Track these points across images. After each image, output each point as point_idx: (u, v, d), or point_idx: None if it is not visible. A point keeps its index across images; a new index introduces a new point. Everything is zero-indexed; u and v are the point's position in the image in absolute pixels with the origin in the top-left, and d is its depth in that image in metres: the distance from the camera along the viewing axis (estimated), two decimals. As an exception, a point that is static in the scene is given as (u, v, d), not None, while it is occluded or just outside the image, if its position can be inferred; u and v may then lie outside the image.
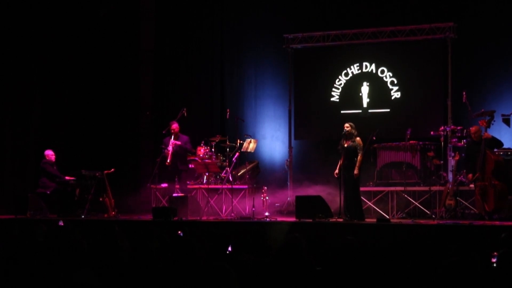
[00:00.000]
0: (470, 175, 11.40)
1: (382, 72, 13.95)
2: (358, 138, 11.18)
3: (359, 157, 11.08)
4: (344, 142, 11.22)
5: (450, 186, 11.65)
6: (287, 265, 4.99)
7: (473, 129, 11.55)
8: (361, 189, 11.58)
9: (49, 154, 13.36)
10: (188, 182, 13.02)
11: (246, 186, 12.94)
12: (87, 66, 15.38)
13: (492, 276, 4.64)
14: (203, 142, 13.41)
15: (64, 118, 15.33)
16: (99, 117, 15.30)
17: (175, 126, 12.58)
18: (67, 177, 13.29)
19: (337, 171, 11.25)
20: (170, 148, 12.49)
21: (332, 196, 12.06)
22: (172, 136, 12.53)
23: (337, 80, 14.25)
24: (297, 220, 11.18)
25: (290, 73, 14.69)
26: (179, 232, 7.34)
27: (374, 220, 11.02)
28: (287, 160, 14.41)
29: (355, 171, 11.00)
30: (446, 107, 13.22)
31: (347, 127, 11.26)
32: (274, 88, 15.12)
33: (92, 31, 15.41)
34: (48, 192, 13.08)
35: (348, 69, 14.20)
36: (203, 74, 15.63)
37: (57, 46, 15.33)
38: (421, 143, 12.58)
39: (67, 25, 15.33)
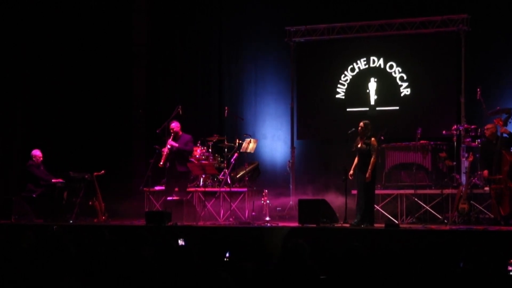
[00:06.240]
0: (486, 171, 11.35)
1: (391, 67, 13.95)
2: (373, 139, 11.13)
3: (372, 159, 11.05)
4: (358, 142, 11.22)
5: (463, 189, 11.64)
6: (289, 273, 4.99)
7: (488, 126, 11.55)
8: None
9: (37, 155, 13.31)
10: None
11: (245, 189, 12.93)
12: (76, 60, 15.36)
13: (508, 285, 4.65)
14: (199, 142, 13.40)
15: (51, 116, 15.32)
16: (88, 115, 15.29)
17: (173, 125, 12.57)
18: (54, 180, 13.27)
19: (351, 172, 11.25)
20: (165, 149, 12.49)
21: (338, 200, 12.07)
22: (172, 136, 12.53)
23: (343, 75, 14.25)
24: (300, 225, 11.18)
25: (293, 68, 14.69)
26: (181, 240, 7.27)
27: (382, 225, 11.01)
28: (289, 161, 14.41)
29: (367, 175, 10.96)
30: (459, 104, 13.22)
31: (361, 126, 11.21)
32: (276, 84, 15.11)
33: (82, 23, 15.40)
34: (34, 196, 13.07)
35: (354, 64, 14.19)
36: (200, 69, 15.62)
37: (45, 39, 15.33)
38: (432, 143, 12.57)
39: (55, 17, 15.33)
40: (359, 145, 11.18)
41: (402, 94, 13.86)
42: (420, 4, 13.91)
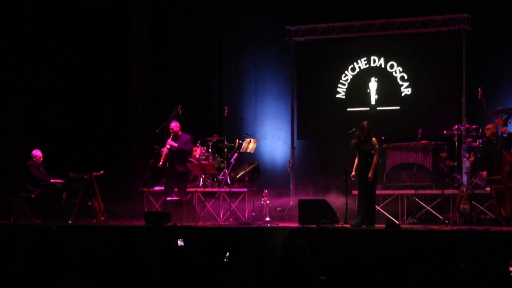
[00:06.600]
0: (485, 172, 11.38)
1: (392, 67, 13.94)
2: (374, 139, 11.17)
3: (374, 159, 11.07)
4: (359, 142, 11.21)
5: (464, 189, 11.62)
6: (289, 273, 4.99)
7: (488, 126, 11.55)
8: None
9: (37, 155, 13.30)
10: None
11: (245, 189, 12.93)
12: (76, 60, 15.36)
13: (509, 285, 4.64)
14: (199, 142, 13.40)
15: (51, 116, 15.31)
16: (88, 115, 15.28)
17: (173, 125, 12.58)
18: (53, 180, 13.26)
19: (354, 173, 11.25)
20: (164, 149, 12.49)
21: (338, 200, 12.06)
22: (171, 136, 12.53)
23: (343, 75, 14.25)
24: (300, 225, 11.17)
25: (293, 68, 14.68)
26: (180, 240, 7.28)
27: (383, 225, 11.01)
28: (289, 161, 14.40)
29: (369, 174, 10.99)
30: (460, 104, 13.20)
31: (365, 127, 11.19)
32: (276, 84, 15.11)
33: (82, 23, 15.40)
34: (33, 196, 13.06)
35: (355, 63, 14.19)
36: (199, 69, 15.62)
37: (45, 39, 15.32)
38: (433, 143, 12.56)
39: (55, 17, 15.33)
40: (360, 146, 11.19)
41: (402, 94, 13.86)
42: (420, 4, 13.90)
